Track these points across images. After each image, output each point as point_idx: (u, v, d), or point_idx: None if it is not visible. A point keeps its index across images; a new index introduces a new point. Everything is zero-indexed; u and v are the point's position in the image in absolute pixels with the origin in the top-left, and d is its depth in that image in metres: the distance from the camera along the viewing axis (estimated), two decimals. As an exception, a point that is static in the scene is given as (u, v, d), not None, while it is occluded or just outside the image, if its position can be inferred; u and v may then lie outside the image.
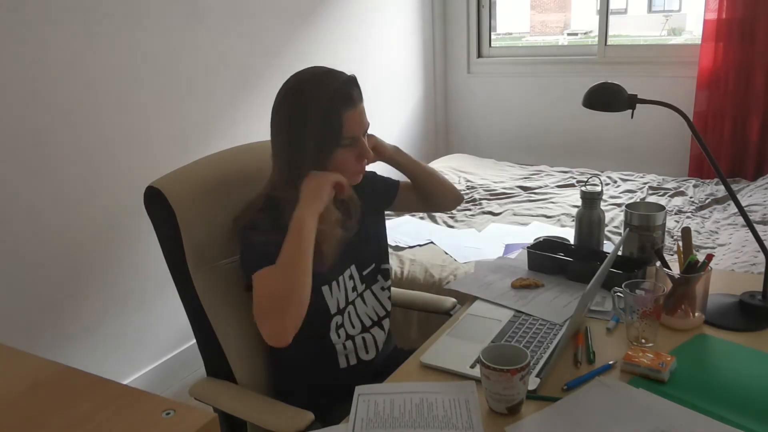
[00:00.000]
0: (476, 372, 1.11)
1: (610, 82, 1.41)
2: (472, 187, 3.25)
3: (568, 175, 3.40)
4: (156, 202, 1.25)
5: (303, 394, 1.34)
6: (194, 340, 1.35)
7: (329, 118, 1.21)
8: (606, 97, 1.40)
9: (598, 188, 1.63)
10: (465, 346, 1.25)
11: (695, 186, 3.09)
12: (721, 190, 2.96)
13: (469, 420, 1.01)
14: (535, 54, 4.06)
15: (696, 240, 2.39)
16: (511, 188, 3.22)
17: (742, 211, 1.34)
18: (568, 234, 1.86)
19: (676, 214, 2.74)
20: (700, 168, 3.40)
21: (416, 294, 1.73)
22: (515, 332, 1.30)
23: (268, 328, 1.13)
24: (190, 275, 1.27)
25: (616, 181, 3.25)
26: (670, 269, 1.30)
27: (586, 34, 4.53)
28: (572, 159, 3.82)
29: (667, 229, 1.94)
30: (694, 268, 1.27)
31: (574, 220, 1.67)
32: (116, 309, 2.29)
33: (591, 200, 1.60)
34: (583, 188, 1.62)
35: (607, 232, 2.42)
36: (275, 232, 1.18)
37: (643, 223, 1.51)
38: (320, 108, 1.20)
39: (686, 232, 1.34)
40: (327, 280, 1.30)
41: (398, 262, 2.32)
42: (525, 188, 3.23)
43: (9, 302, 1.96)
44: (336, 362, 1.34)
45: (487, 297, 1.46)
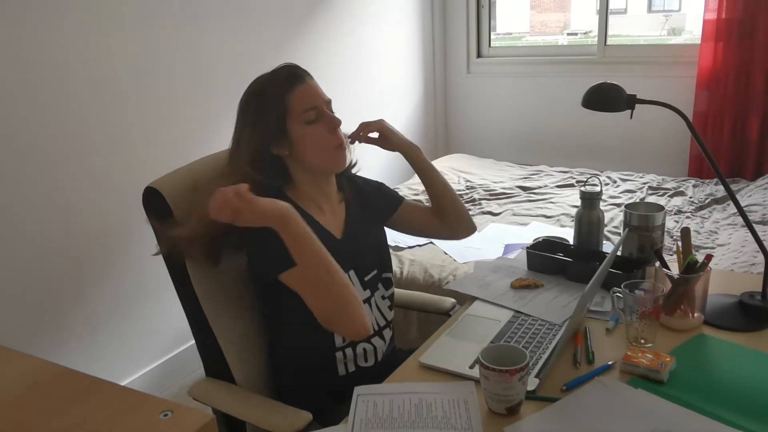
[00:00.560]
0: (475, 372, 1.11)
1: (609, 82, 1.41)
2: (472, 187, 3.26)
3: (568, 175, 3.41)
4: (155, 203, 1.25)
5: (302, 394, 1.34)
6: (193, 341, 1.35)
7: (272, 99, 1.26)
8: (605, 97, 1.40)
9: (598, 188, 1.63)
10: (464, 347, 1.25)
11: (695, 186, 3.09)
12: (720, 190, 2.96)
13: (468, 420, 1.01)
14: (535, 54, 4.06)
15: (695, 240, 2.39)
16: (511, 188, 3.22)
17: (742, 212, 1.34)
18: (568, 234, 1.86)
19: (676, 214, 2.74)
20: (700, 168, 3.40)
21: (416, 294, 1.72)
22: (514, 332, 1.30)
23: (349, 327, 1.16)
24: (189, 276, 1.27)
25: (615, 181, 3.25)
26: (670, 269, 1.30)
27: (585, 34, 4.53)
28: (572, 159, 3.82)
29: (666, 230, 1.94)
30: (693, 269, 1.27)
31: (573, 221, 1.67)
32: (115, 310, 2.29)
33: (590, 200, 1.60)
34: (583, 188, 1.62)
35: (606, 233, 2.42)
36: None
37: (643, 223, 1.51)
38: (270, 98, 1.26)
39: (686, 233, 1.34)
40: None
41: (398, 263, 2.32)
42: (524, 188, 3.23)
43: (7, 303, 1.96)
44: (335, 370, 1.33)
45: (487, 297, 1.46)
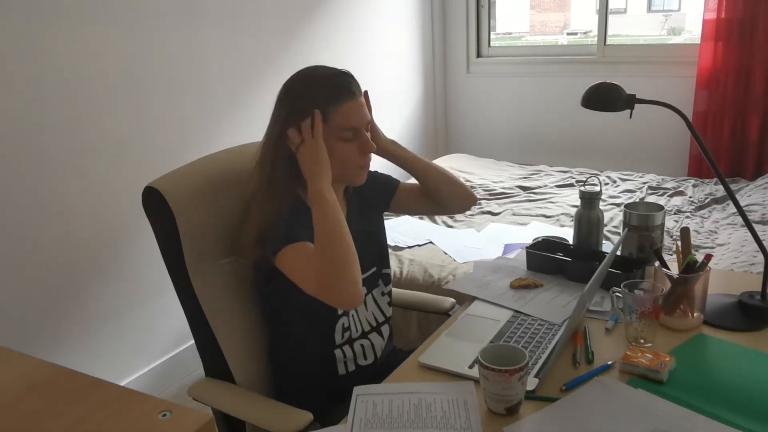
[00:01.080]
0: (475, 372, 1.11)
1: (609, 81, 1.41)
2: (472, 187, 3.25)
3: (568, 175, 3.41)
4: (154, 202, 1.25)
5: (302, 395, 1.34)
6: (193, 341, 1.35)
7: (316, 103, 1.21)
8: (605, 97, 1.40)
9: (597, 188, 1.63)
10: (464, 347, 1.25)
11: (694, 186, 3.09)
12: (720, 190, 2.96)
13: (467, 420, 1.01)
14: (535, 54, 4.06)
15: (695, 240, 2.39)
16: (511, 188, 3.22)
17: (741, 211, 1.34)
18: (567, 234, 1.86)
19: (675, 214, 2.74)
20: (700, 168, 3.40)
21: (415, 294, 1.72)
22: (514, 332, 1.30)
23: (341, 293, 1.12)
24: (189, 275, 1.27)
25: (615, 181, 3.25)
26: (669, 269, 1.30)
27: (585, 33, 4.53)
28: (571, 159, 3.82)
29: (666, 229, 1.94)
30: (693, 268, 1.27)
31: (573, 220, 1.67)
32: (114, 310, 2.29)
33: (590, 200, 1.60)
34: (582, 188, 1.62)
35: (606, 232, 2.42)
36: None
37: (642, 223, 1.51)
38: (314, 100, 1.21)
39: (685, 232, 1.34)
40: None
41: (397, 262, 2.32)
42: (524, 188, 3.23)
43: (6, 303, 1.96)
44: (335, 370, 1.33)
45: (486, 297, 1.46)
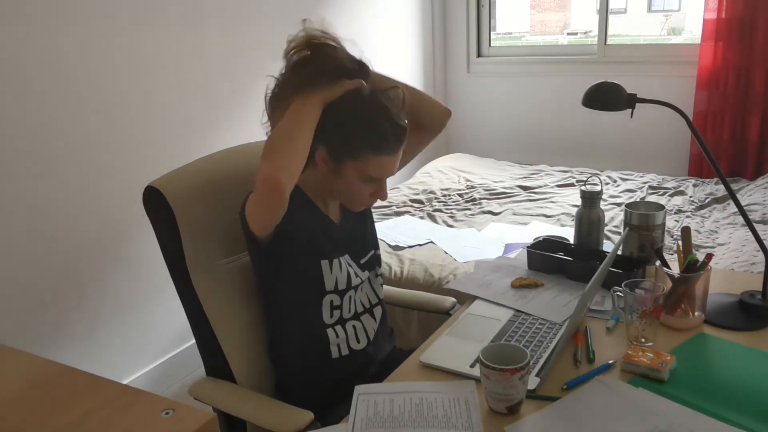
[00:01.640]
0: (476, 371, 1.11)
1: (609, 81, 1.41)
2: (472, 187, 3.26)
3: (568, 175, 3.40)
4: (155, 202, 1.26)
5: (301, 391, 1.34)
6: (194, 340, 1.35)
7: (355, 140, 1.21)
8: (605, 97, 1.40)
9: (598, 188, 1.63)
10: (465, 346, 1.25)
11: (695, 185, 3.09)
12: (720, 190, 2.96)
13: (468, 419, 1.01)
14: (535, 54, 4.06)
15: (696, 239, 2.39)
16: (511, 188, 3.22)
17: (742, 211, 1.34)
18: (568, 233, 1.86)
19: (676, 213, 2.74)
20: (700, 167, 3.40)
21: (416, 293, 1.72)
22: (515, 332, 1.30)
23: (264, 168, 1.12)
24: (190, 275, 1.27)
25: (615, 181, 3.25)
26: (670, 268, 1.30)
27: (585, 33, 4.53)
28: (572, 158, 3.82)
29: (666, 229, 1.94)
30: (693, 268, 1.27)
31: (573, 220, 1.67)
32: (116, 308, 2.29)
33: (591, 200, 1.60)
34: (583, 188, 1.62)
35: (606, 232, 2.42)
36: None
37: (643, 222, 1.51)
38: (355, 139, 1.21)
39: (686, 232, 1.34)
40: (327, 254, 1.29)
41: (398, 262, 2.32)
42: (525, 188, 3.22)
43: (8, 301, 1.96)
44: (328, 352, 1.32)
45: (487, 296, 1.46)
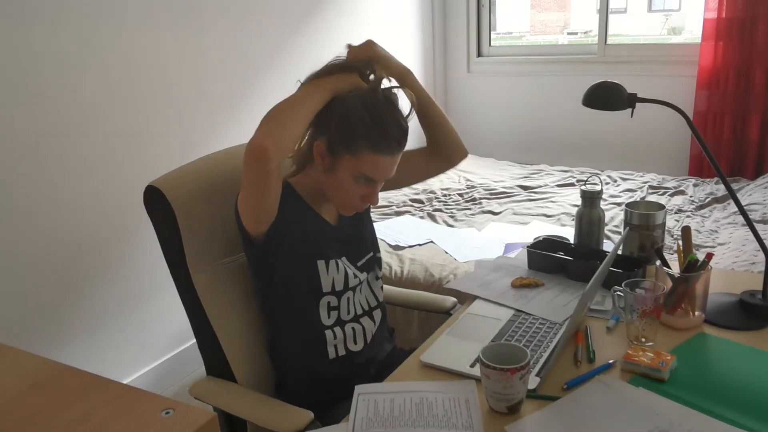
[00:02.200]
0: (476, 371, 1.11)
1: (609, 81, 1.41)
2: (472, 187, 3.26)
3: (568, 174, 3.40)
4: (156, 201, 1.26)
5: (301, 391, 1.34)
6: (194, 340, 1.35)
7: (355, 135, 1.21)
8: (606, 96, 1.40)
9: (598, 187, 1.63)
10: (465, 345, 1.25)
11: (695, 185, 3.08)
12: (721, 189, 2.96)
13: (469, 419, 1.01)
14: (535, 53, 4.05)
15: (696, 239, 2.39)
16: (511, 187, 3.22)
17: (742, 210, 1.34)
18: (568, 233, 1.86)
19: (676, 213, 2.74)
20: (700, 167, 3.40)
21: (416, 293, 1.72)
22: (515, 331, 1.30)
23: (254, 136, 1.12)
24: (190, 274, 1.27)
25: (616, 180, 3.25)
26: (670, 268, 1.30)
27: (585, 33, 4.53)
28: (572, 158, 3.82)
29: (667, 228, 1.93)
30: (694, 267, 1.27)
31: (574, 220, 1.67)
32: (116, 308, 2.29)
33: (591, 199, 1.60)
34: (583, 187, 1.62)
35: (607, 231, 2.42)
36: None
37: (643, 222, 1.51)
38: (356, 135, 1.21)
39: (686, 231, 1.34)
40: (323, 255, 1.29)
41: (398, 262, 2.32)
42: (525, 187, 3.22)
43: (8, 301, 1.96)
44: (325, 352, 1.32)
45: (487, 296, 1.46)
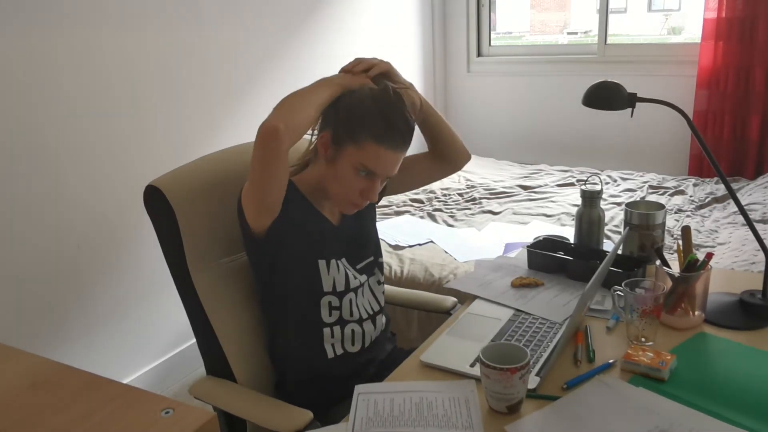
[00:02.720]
0: (476, 371, 1.11)
1: (609, 80, 1.41)
2: (472, 186, 3.26)
3: (568, 174, 3.40)
4: (156, 201, 1.26)
5: (301, 391, 1.34)
6: (194, 340, 1.35)
7: (359, 127, 1.20)
8: (606, 96, 1.40)
9: (598, 187, 1.63)
10: (465, 345, 1.25)
11: (695, 185, 3.08)
12: (720, 189, 2.96)
13: (469, 419, 1.01)
14: (535, 53, 4.05)
15: (696, 239, 2.39)
16: (511, 187, 3.22)
17: (742, 210, 1.34)
18: (568, 233, 1.86)
19: (676, 212, 2.74)
20: (700, 167, 3.39)
21: (416, 293, 1.72)
22: (515, 331, 1.30)
23: (267, 119, 1.13)
24: (190, 274, 1.27)
25: (616, 180, 3.25)
26: (670, 268, 1.30)
27: (585, 33, 4.53)
28: (572, 158, 3.82)
29: (666, 228, 1.93)
30: (694, 267, 1.27)
31: (574, 219, 1.67)
32: (116, 308, 2.29)
33: (591, 199, 1.60)
34: (583, 187, 1.62)
35: (607, 231, 2.42)
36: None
37: (643, 221, 1.51)
38: (363, 126, 1.20)
39: (686, 231, 1.34)
40: (324, 254, 1.29)
41: (398, 261, 2.32)
42: (525, 187, 3.22)
43: (8, 301, 1.96)
44: (324, 350, 1.32)
45: (487, 296, 1.46)
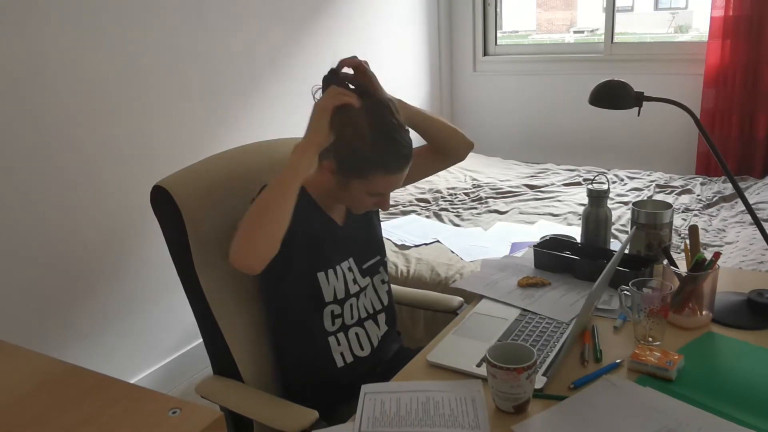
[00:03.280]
0: (483, 370, 1.11)
1: (616, 79, 1.40)
2: (479, 186, 3.25)
3: (575, 174, 3.39)
4: (162, 201, 1.26)
5: (308, 392, 1.34)
6: (201, 339, 1.36)
7: (361, 158, 1.22)
8: (612, 95, 1.40)
9: (605, 186, 1.62)
10: (471, 345, 1.25)
11: (702, 184, 3.07)
12: (728, 188, 2.94)
13: (475, 419, 1.01)
14: (542, 52, 4.04)
15: (703, 238, 2.38)
16: (518, 187, 3.21)
17: (750, 209, 1.33)
18: (575, 232, 1.86)
19: (684, 212, 2.73)
20: (707, 166, 3.38)
21: (422, 293, 1.72)
22: (522, 331, 1.29)
23: (236, 246, 1.13)
24: (197, 274, 1.28)
25: (622, 179, 3.24)
26: (678, 267, 1.29)
27: (592, 31, 4.51)
28: (579, 157, 3.81)
29: (674, 227, 1.93)
30: (701, 267, 1.27)
31: (580, 219, 1.67)
32: (123, 308, 2.30)
33: (598, 198, 1.60)
34: (590, 186, 1.62)
35: (614, 231, 2.41)
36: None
37: (650, 221, 1.51)
38: (364, 159, 1.22)
39: (693, 230, 1.34)
40: (322, 266, 1.30)
41: (404, 261, 2.32)
42: (531, 187, 3.22)
43: (16, 301, 1.97)
44: (332, 360, 1.33)
45: (494, 296, 1.46)
